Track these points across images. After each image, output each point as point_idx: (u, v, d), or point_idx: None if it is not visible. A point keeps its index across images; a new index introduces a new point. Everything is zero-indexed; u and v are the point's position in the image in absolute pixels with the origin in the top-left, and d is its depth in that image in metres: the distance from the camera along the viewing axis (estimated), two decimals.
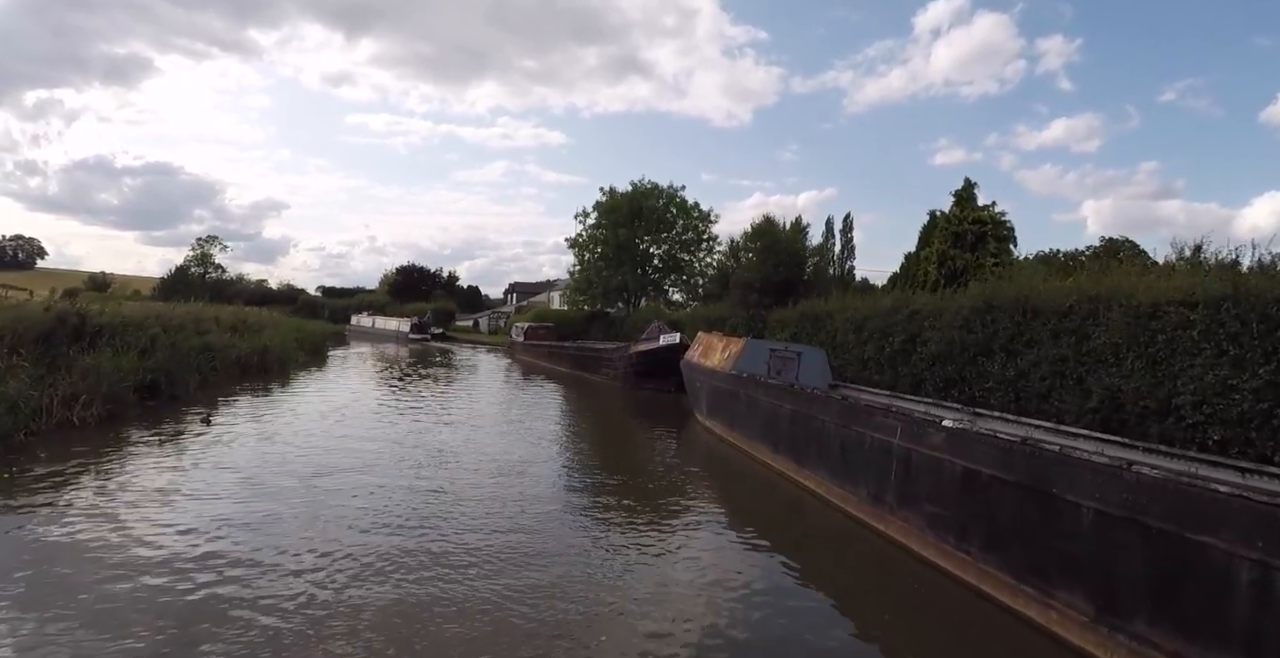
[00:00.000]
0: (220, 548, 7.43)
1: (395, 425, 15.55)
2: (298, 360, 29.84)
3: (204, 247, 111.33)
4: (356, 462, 11.58)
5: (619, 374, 27.43)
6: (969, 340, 15.64)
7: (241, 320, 29.60)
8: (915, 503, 7.59)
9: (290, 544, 7.64)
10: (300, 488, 9.87)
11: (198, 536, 7.73)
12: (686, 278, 44.19)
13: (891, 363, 18.41)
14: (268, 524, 8.23)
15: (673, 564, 7.83)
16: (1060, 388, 13.43)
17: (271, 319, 37.07)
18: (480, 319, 79.84)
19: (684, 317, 34.92)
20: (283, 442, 12.89)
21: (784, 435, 11.39)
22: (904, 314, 18.27)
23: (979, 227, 21.82)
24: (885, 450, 8.16)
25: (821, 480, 9.86)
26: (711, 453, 14.42)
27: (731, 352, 15.02)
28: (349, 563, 7.15)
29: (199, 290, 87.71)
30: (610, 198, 43.61)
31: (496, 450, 13.16)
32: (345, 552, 7.45)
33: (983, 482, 6.56)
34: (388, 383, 26.30)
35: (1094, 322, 12.99)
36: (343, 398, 20.05)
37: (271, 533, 7.94)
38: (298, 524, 8.37)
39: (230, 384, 21.17)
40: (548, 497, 10.20)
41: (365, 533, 8.12)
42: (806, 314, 23.42)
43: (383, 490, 9.84)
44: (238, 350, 23.67)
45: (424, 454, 12.40)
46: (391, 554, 7.48)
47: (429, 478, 10.69)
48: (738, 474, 12.43)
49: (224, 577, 6.67)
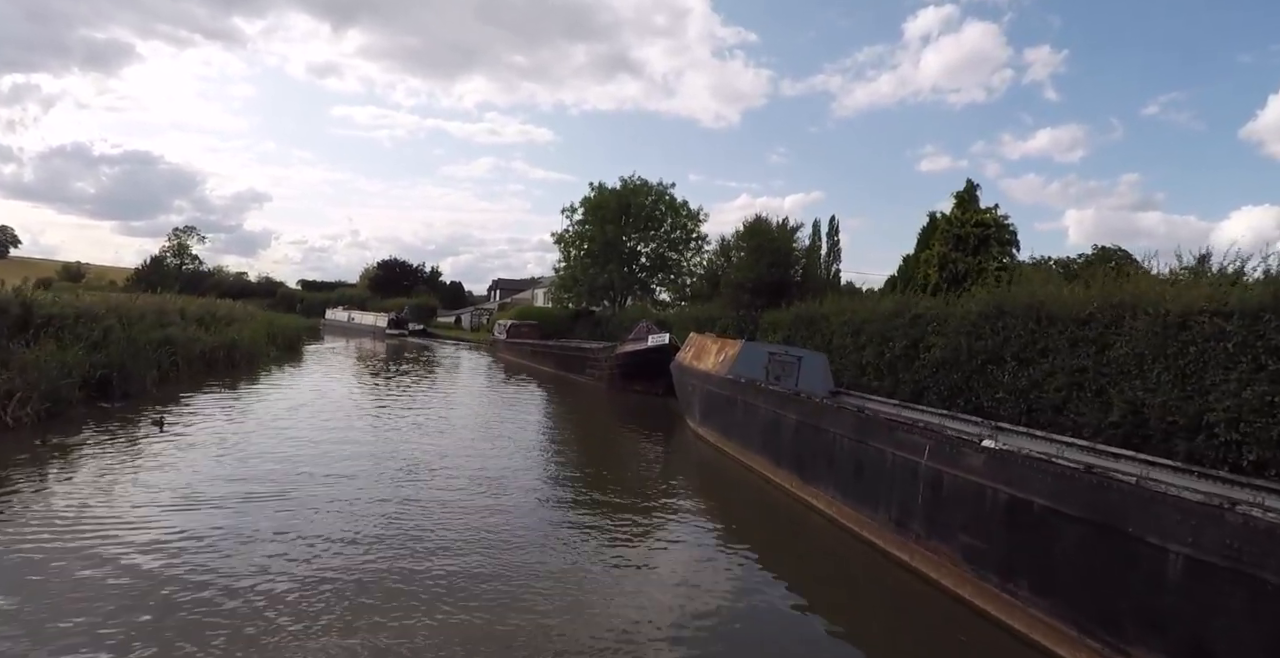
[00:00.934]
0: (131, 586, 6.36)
1: (365, 432, 14.37)
2: (269, 356, 28.58)
3: (181, 237, 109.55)
4: (318, 474, 10.39)
5: (605, 375, 26.41)
6: (977, 347, 14.83)
7: (210, 313, 28.30)
8: (947, 532, 6.69)
9: (234, 570, 6.61)
10: (249, 506, 8.80)
11: (101, 566, 6.59)
12: (674, 277, 43.28)
13: (892, 369, 17.59)
14: (200, 552, 7.12)
15: (663, 588, 6.94)
16: (1077, 400, 12.64)
17: (245, 312, 35.75)
18: (463, 316, 78.51)
19: (672, 317, 34.01)
20: (239, 450, 11.55)
21: (787, 448, 10.47)
22: (906, 318, 17.46)
23: (982, 229, 21.07)
24: (910, 471, 7.25)
25: (831, 500, 8.95)
26: (704, 464, 13.48)
27: (727, 355, 14.08)
28: (298, 604, 6.12)
29: (174, 282, 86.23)
30: (599, 194, 42.61)
31: (473, 462, 12.08)
32: (294, 590, 6.42)
33: (1035, 514, 5.68)
34: (362, 382, 25.12)
35: (1116, 330, 12.21)
36: (311, 399, 18.90)
37: (203, 564, 6.84)
38: (240, 548, 7.33)
39: (193, 381, 19.96)
40: (526, 514, 9.21)
41: (316, 561, 7.09)
42: (801, 316, 22.58)
43: (345, 509, 8.76)
44: (203, 345, 22.44)
45: (395, 467, 11.18)
46: (347, 588, 6.48)
47: (395, 498, 9.40)
48: (734, 489, 11.48)
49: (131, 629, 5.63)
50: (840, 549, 8.35)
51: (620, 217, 41.90)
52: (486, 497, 9.85)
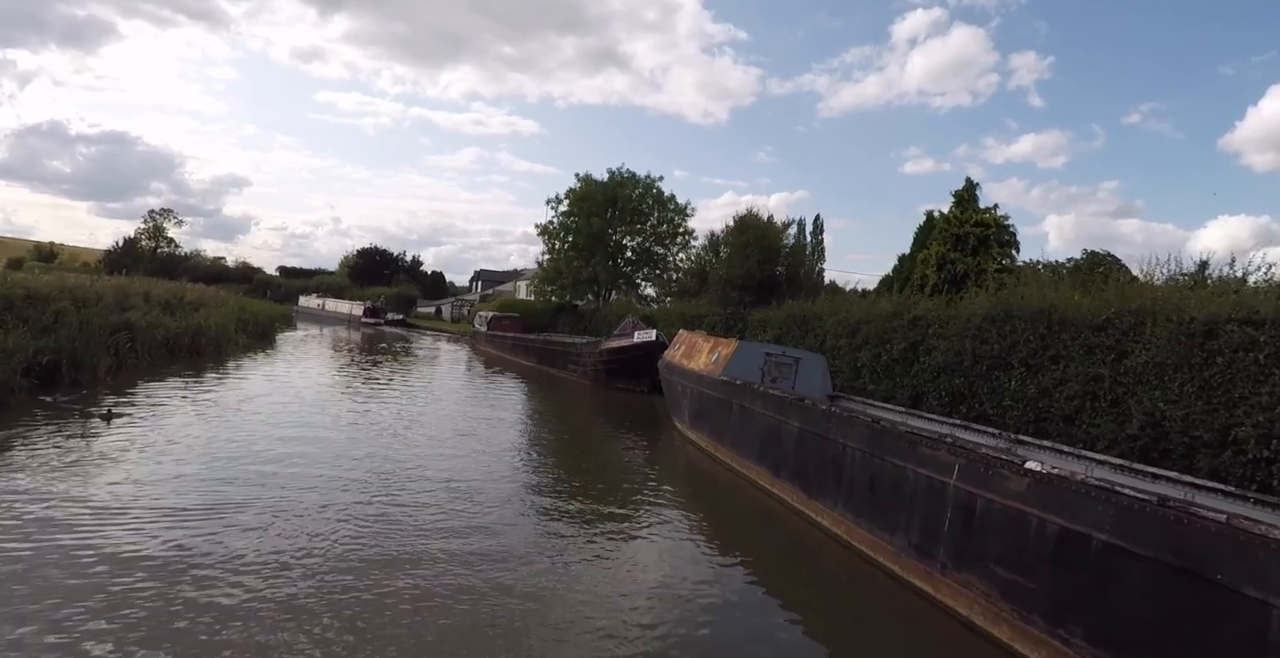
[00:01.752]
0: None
1: (331, 430, 13.25)
2: (238, 344, 27.39)
3: (157, 220, 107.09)
4: (272, 481, 9.42)
5: (588, 372, 25.52)
6: (982, 352, 14.14)
7: (178, 297, 27.10)
8: (981, 564, 5.91)
9: (166, 597, 5.71)
10: (188, 519, 7.87)
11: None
12: (660, 272, 42.42)
13: (889, 372, 16.89)
14: (120, 574, 6.20)
15: (654, 609, 6.14)
16: (1091, 410, 11.96)
17: (217, 297, 34.50)
18: (443, 306, 77.14)
19: (657, 313, 33.20)
20: (187, 451, 10.37)
21: (788, 458, 9.66)
22: (905, 320, 16.77)
23: (981, 229, 20.42)
24: (936, 492, 6.48)
25: (839, 518, 8.15)
26: (695, 471, 12.65)
27: (721, 354, 13.26)
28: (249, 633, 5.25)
29: (147, 265, 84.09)
30: (585, 185, 41.59)
31: (445, 467, 11.11)
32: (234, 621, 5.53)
33: (1093, 550, 4.91)
34: (333, 374, 24.04)
35: (1135, 338, 11.54)
36: (276, 391, 17.86)
37: (123, 590, 5.93)
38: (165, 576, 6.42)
39: (154, 369, 18.86)
40: (503, 530, 8.34)
41: (262, 591, 6.20)
42: (794, 315, 21.85)
43: (299, 527, 7.82)
44: (166, 331, 21.30)
45: (362, 473, 10.13)
46: (297, 624, 5.61)
47: (358, 514, 8.34)
48: (729, 500, 10.66)
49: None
50: (851, 573, 7.57)
51: (607, 209, 40.95)
52: (461, 513, 8.97)
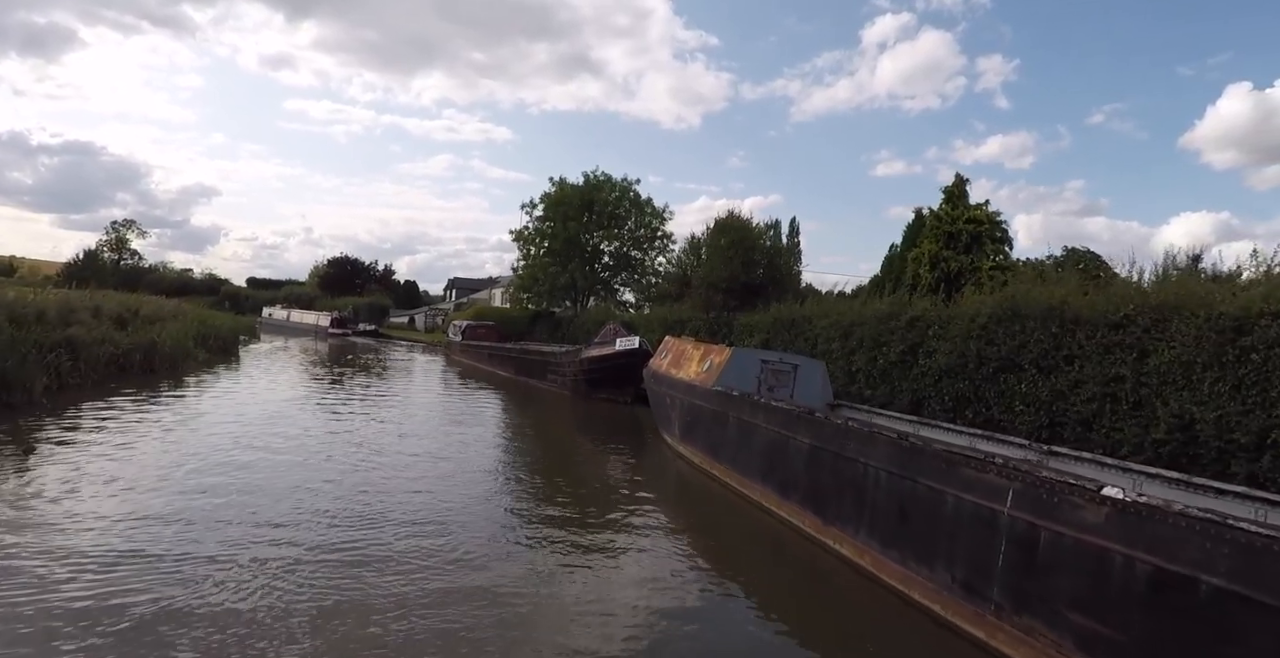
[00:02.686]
0: None
1: (290, 454, 11.93)
2: (197, 359, 25.96)
3: (119, 231, 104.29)
4: (210, 518, 8.18)
5: (568, 382, 24.44)
6: (989, 353, 13.32)
7: (132, 311, 25.63)
8: (1048, 608, 4.98)
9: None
10: (116, 570, 6.75)
11: None
12: (639, 277, 41.48)
13: (886, 376, 16.05)
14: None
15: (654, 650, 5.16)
16: (1112, 413, 11.15)
17: (178, 310, 32.98)
18: (417, 316, 75.61)
19: (638, 318, 32.22)
20: (117, 485, 9.05)
21: (798, 477, 8.69)
22: (902, 321, 15.94)
23: (974, 226, 19.70)
24: (986, 521, 5.55)
25: (862, 547, 7.20)
26: (690, 490, 11.61)
27: (714, 362, 12.29)
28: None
29: (109, 277, 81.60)
30: (560, 189, 40.56)
31: (416, 501, 9.89)
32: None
33: (1204, 597, 4.01)
34: (298, 390, 22.68)
35: (1158, 335, 10.76)
36: (231, 411, 16.60)
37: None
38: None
39: (99, 389, 17.50)
40: (476, 564, 7.31)
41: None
42: (782, 319, 20.97)
43: (246, 579, 6.72)
44: (115, 347, 19.93)
45: (323, 505, 8.97)
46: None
47: (317, 559, 7.19)
48: (729, 524, 9.60)
49: None
50: (880, 610, 6.61)
51: (583, 213, 39.96)
52: (437, 552, 7.91)
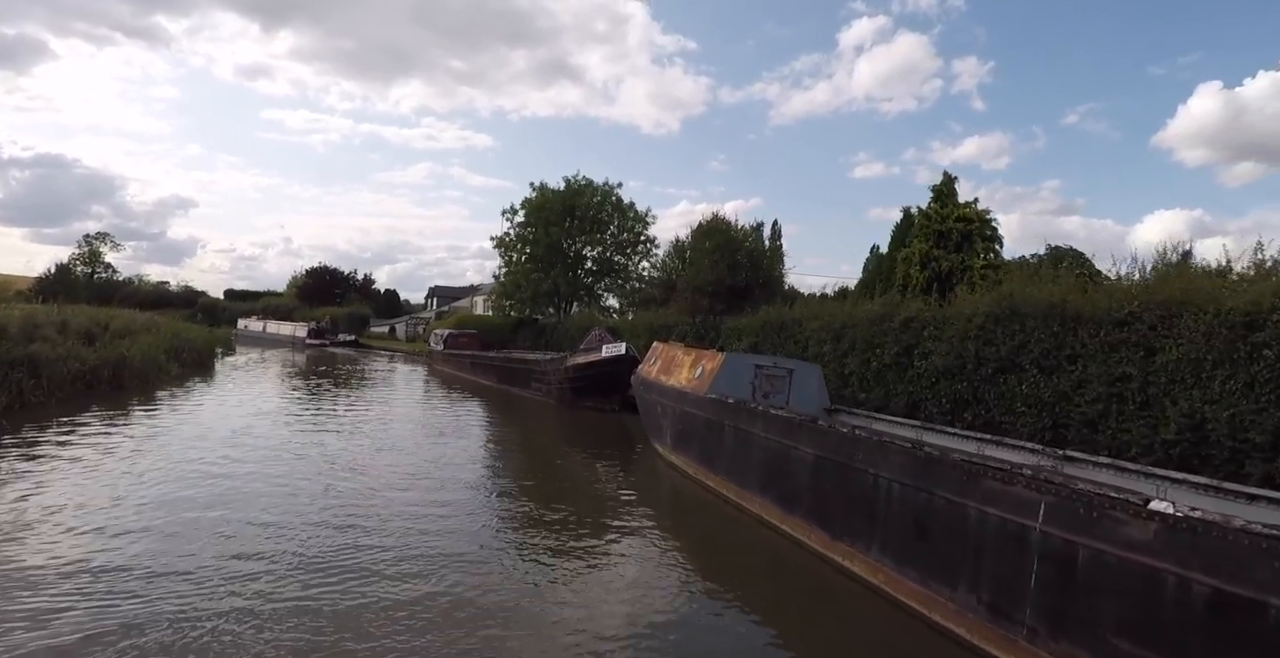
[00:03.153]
0: None
1: (258, 480, 11.06)
2: (169, 374, 25.14)
3: (93, 244, 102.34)
4: (177, 560, 7.64)
5: (553, 390, 23.87)
6: (987, 354, 12.96)
7: (101, 325, 24.80)
8: (1090, 634, 4.54)
9: None
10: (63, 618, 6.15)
11: None
12: (623, 282, 41.02)
13: (880, 379, 15.67)
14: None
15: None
16: (1119, 413, 10.80)
17: (151, 324, 32.08)
18: (397, 325, 74.54)
19: (622, 324, 31.78)
20: (68, 520, 8.33)
21: (801, 490, 8.21)
22: (896, 322, 15.57)
23: (964, 225, 19.40)
24: (1013, 537, 5.11)
25: (874, 564, 6.72)
26: (684, 502, 11.09)
27: (706, 368, 11.81)
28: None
29: (82, 291, 79.89)
30: (541, 194, 40.03)
31: (398, 525, 9.32)
32: None
33: (1274, 622, 3.58)
34: (273, 405, 21.89)
35: (1164, 332, 10.43)
36: (200, 428, 15.90)
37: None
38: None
39: (63, 407, 16.77)
40: (462, 595, 6.78)
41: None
42: (770, 322, 20.58)
43: (199, 627, 6.15)
44: (81, 363, 19.17)
45: (297, 542, 8.42)
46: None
47: (284, 610, 6.55)
48: (728, 539, 9.06)
49: None
50: (899, 635, 6.11)
51: (565, 218, 39.44)
52: (416, 577, 7.36)
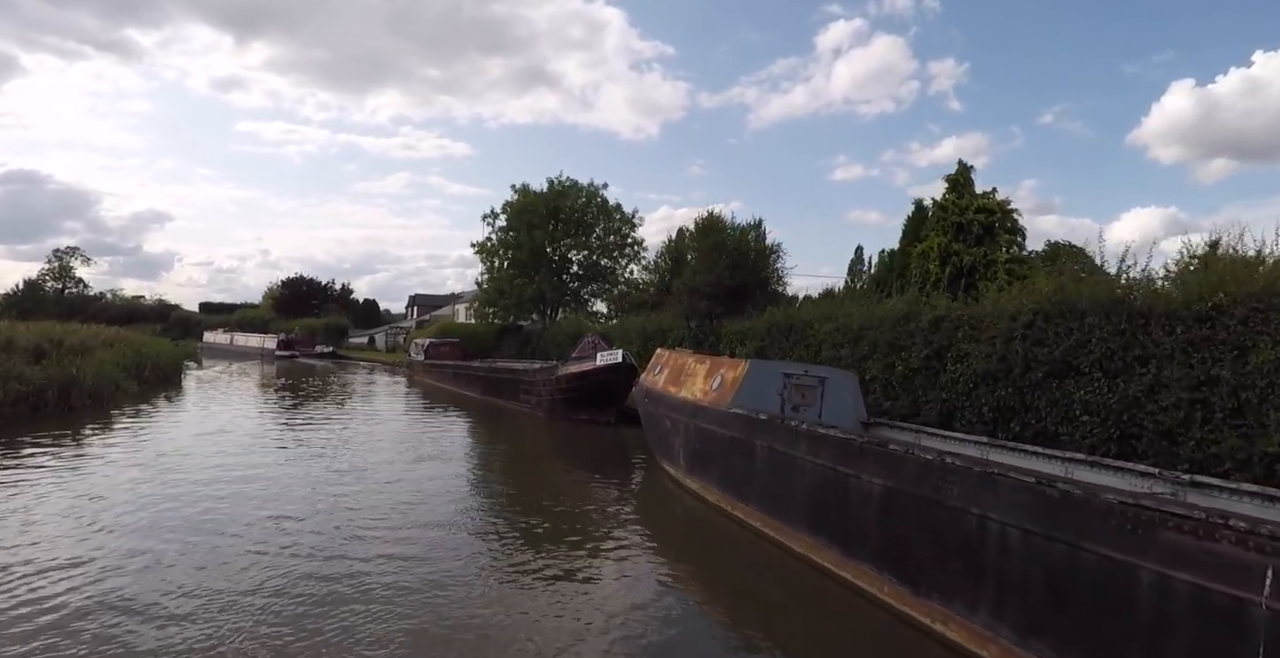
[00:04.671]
0: None
1: (212, 519, 9.68)
2: (127, 392, 23.26)
3: (63, 259, 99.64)
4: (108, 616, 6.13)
5: (544, 402, 22.23)
6: (1037, 356, 11.54)
7: (54, 342, 22.92)
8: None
9: None
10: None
11: None
12: (609, 286, 39.49)
13: (907, 386, 14.24)
14: None
15: None
16: (1204, 422, 9.41)
17: (117, 338, 30.18)
18: (376, 335, 72.51)
19: (612, 329, 30.20)
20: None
21: (867, 530, 6.62)
22: (924, 322, 14.17)
23: (985, 216, 18.06)
24: (1222, 615, 3.66)
25: (984, 633, 5.09)
26: (705, 537, 9.31)
27: (726, 378, 10.28)
28: None
29: (52, 307, 77.35)
30: (523, 196, 38.42)
31: (380, 568, 7.88)
32: None
33: None
34: (239, 425, 20.14)
35: (1259, 328, 9.06)
36: (153, 457, 14.17)
37: None
38: None
39: (7, 431, 15.06)
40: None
41: None
42: (777, 324, 19.11)
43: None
44: (23, 384, 17.37)
45: (248, 603, 7.03)
46: None
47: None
48: (769, 586, 7.42)
49: None
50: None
51: (549, 221, 37.87)
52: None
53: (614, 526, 9.96)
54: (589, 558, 8.30)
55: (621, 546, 8.89)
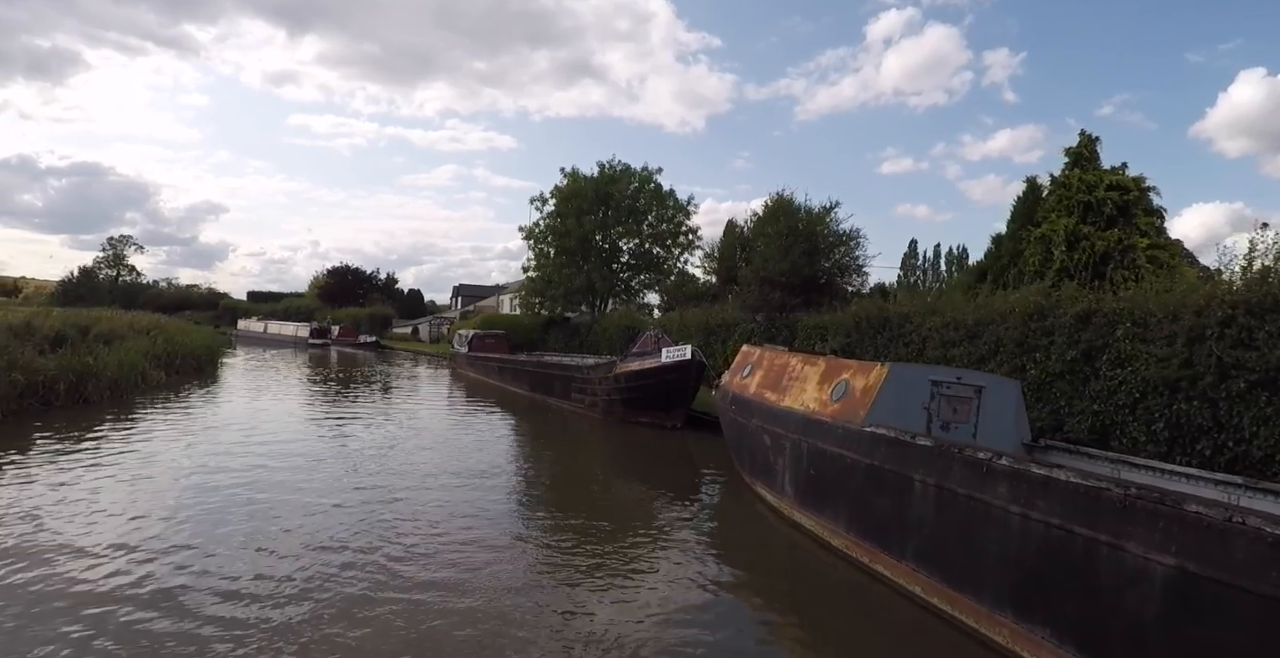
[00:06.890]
0: None
1: (216, 548, 8.00)
2: (153, 381, 21.79)
3: (116, 247, 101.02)
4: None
5: (599, 402, 20.10)
6: (1240, 360, 9.05)
7: (79, 329, 21.54)
8: None
9: None
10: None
11: None
12: (661, 277, 37.28)
13: (1045, 394, 11.82)
14: None
15: None
16: None
17: (153, 325, 28.89)
18: (420, 326, 71.37)
19: (668, 322, 27.98)
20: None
21: (1140, 627, 4.22)
22: (1067, 317, 11.73)
23: (1119, 195, 15.42)
24: None
25: None
26: (833, 598, 6.92)
27: (855, 386, 7.97)
28: None
29: (106, 294, 78.14)
30: (572, 181, 36.36)
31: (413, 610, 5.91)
32: None
33: None
34: (275, 421, 18.40)
35: None
36: (169, 460, 12.51)
37: None
38: None
39: (10, 426, 13.59)
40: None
41: None
42: (868, 318, 16.72)
43: None
44: (30, 374, 15.84)
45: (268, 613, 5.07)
46: None
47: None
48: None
49: None
50: None
51: (599, 208, 35.76)
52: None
53: (699, 562, 7.76)
54: (680, 628, 6.14)
55: (714, 605, 6.67)
